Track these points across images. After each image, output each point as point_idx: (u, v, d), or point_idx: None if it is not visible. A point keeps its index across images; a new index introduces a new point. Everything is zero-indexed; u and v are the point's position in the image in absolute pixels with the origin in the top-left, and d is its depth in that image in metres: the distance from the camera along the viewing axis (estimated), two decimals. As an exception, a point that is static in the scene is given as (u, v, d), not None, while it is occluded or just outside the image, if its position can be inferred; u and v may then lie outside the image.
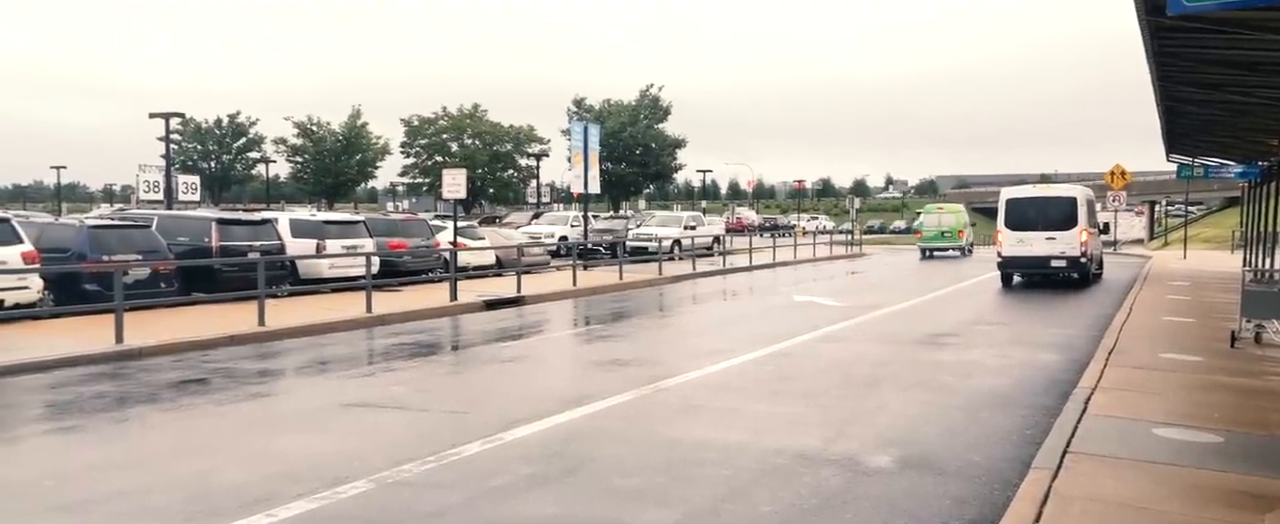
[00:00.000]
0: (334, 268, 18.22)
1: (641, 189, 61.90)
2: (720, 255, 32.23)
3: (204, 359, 10.91)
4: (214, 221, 17.28)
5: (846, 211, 64.86)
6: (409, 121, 56.82)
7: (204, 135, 60.88)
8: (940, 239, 36.71)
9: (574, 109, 55.32)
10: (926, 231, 37.61)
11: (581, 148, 26.42)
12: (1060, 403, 8.13)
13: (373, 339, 13.14)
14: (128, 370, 10.13)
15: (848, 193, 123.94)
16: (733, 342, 12.47)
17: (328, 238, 18.96)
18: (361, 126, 58.88)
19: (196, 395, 8.87)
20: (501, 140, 57.88)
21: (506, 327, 14.59)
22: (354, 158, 58.70)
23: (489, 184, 57.50)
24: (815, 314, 16.03)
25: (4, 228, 13.55)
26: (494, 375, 10.35)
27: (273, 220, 19.00)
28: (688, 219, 36.07)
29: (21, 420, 8.00)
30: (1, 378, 9.50)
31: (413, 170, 57.86)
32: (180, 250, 16.31)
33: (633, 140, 53.97)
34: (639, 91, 55.46)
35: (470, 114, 57.33)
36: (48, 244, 14.48)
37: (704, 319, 16.54)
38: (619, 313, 16.79)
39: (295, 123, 57.61)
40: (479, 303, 16.98)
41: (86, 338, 11.34)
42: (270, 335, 12.62)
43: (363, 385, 9.52)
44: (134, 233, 15.61)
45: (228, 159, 62.12)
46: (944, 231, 36.71)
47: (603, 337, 13.57)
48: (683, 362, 10.71)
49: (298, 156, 58.47)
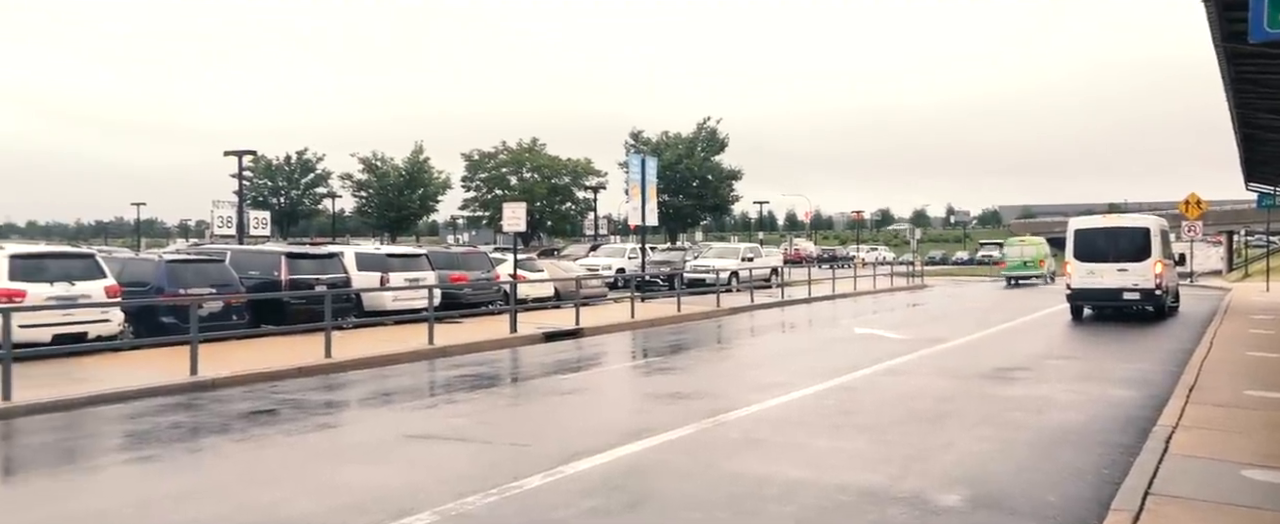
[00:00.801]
0: (397, 300, 18.57)
1: (699, 221, 61.95)
2: (778, 287, 31.97)
3: (273, 390, 11.18)
4: (283, 256, 17.79)
5: (907, 242, 63.91)
6: (469, 156, 57.93)
7: (274, 172, 62.92)
8: (1023, 268, 39.69)
9: (631, 142, 55.79)
10: (1011, 261, 40.45)
11: (639, 180, 26.60)
12: (1139, 441, 7.82)
13: (435, 371, 13.32)
14: (201, 401, 10.43)
15: (907, 223, 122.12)
16: (793, 375, 12.31)
17: (391, 271, 19.36)
18: (424, 161, 60.24)
19: (266, 426, 9.08)
20: (559, 173, 58.57)
21: (565, 359, 14.66)
22: (416, 192, 59.99)
23: (547, 217, 58.13)
24: (877, 347, 15.76)
25: (89, 263, 14.17)
26: (554, 408, 10.39)
27: (339, 254, 19.47)
28: (745, 251, 35.94)
29: (103, 450, 8.29)
30: (85, 408, 9.86)
31: (473, 203, 58.85)
32: (251, 284, 16.81)
33: (689, 172, 54.14)
34: (696, 124, 55.74)
35: (529, 148, 58.22)
36: (128, 278, 15.08)
37: (763, 352, 16.38)
38: (677, 345, 16.75)
39: (360, 158, 59.26)
40: (538, 335, 17.11)
41: (163, 369, 11.72)
42: (336, 367, 12.89)
43: (426, 417, 9.64)
44: (208, 267, 16.16)
45: (296, 194, 64.03)
46: (1026, 261, 39.76)
47: (661, 369, 13.53)
48: (743, 395, 10.61)
49: (362, 191, 60.01)
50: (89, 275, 13.83)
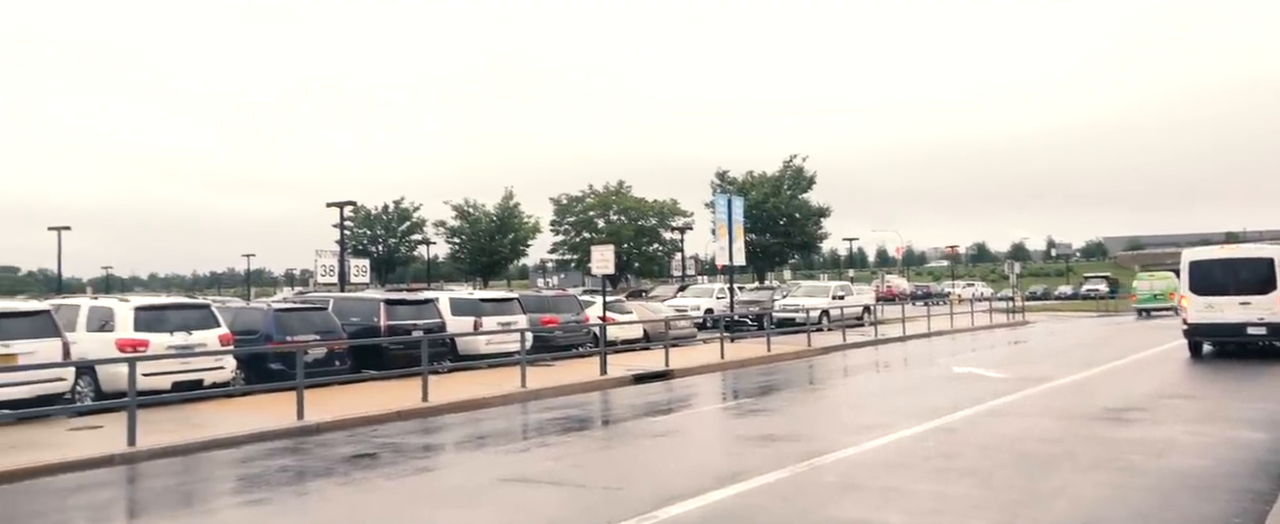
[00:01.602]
0: (490, 344, 18.93)
1: (786, 259, 61.24)
2: (871, 325, 31.25)
3: (373, 434, 11.50)
4: (382, 302, 18.40)
5: (1005, 277, 61.72)
6: (558, 200, 59.00)
7: (372, 221, 65.34)
8: (1153, 301, 41.60)
9: (717, 182, 55.85)
10: (1141, 295, 42.46)
11: (725, 220, 26.57)
12: (1273, 488, 7.29)
13: (527, 414, 13.48)
14: (307, 445, 10.81)
15: (1005, 257, 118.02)
16: (890, 416, 11.97)
17: (484, 315, 19.77)
18: (514, 207, 61.61)
19: (368, 469, 9.34)
20: (646, 215, 59.00)
21: (656, 401, 14.63)
22: (507, 237, 61.31)
23: (634, 258, 58.50)
24: (978, 387, 15.19)
25: (205, 313, 14.98)
26: (646, 450, 10.36)
27: (434, 300, 20.02)
28: (835, 288, 35.32)
29: (217, 493, 8.66)
30: (201, 453, 10.35)
31: (562, 247, 59.75)
32: (352, 330, 17.43)
33: (776, 211, 53.77)
34: (782, 162, 55.48)
35: (615, 191, 58.92)
36: (240, 327, 15.84)
37: (857, 392, 16.00)
38: (768, 386, 16.51)
39: (453, 206, 61.04)
40: (628, 377, 17.14)
41: (272, 414, 12.21)
42: (432, 411, 13.18)
43: (519, 460, 9.74)
44: (313, 315, 16.85)
45: (393, 242, 66.25)
46: (1156, 294, 41.71)
47: (753, 411, 13.35)
48: (838, 437, 10.37)
49: (455, 237, 61.69)
50: (205, 325, 14.60)
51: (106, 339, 13.70)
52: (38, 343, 12.36)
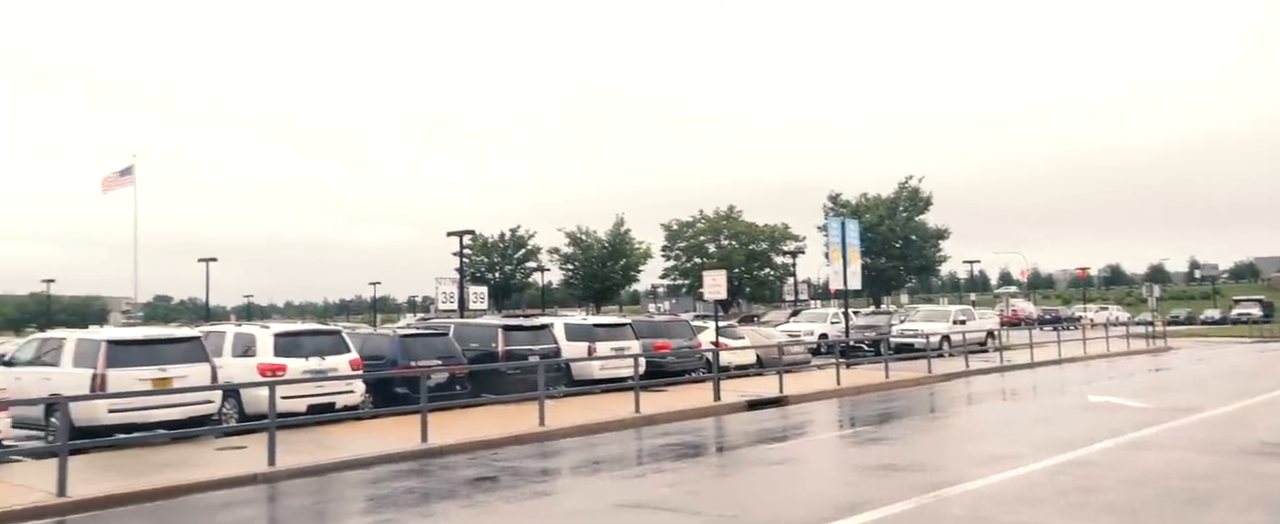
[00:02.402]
0: (604, 369, 19.13)
1: (903, 283, 59.53)
2: (995, 351, 29.93)
3: (494, 457, 11.78)
4: (500, 328, 18.89)
5: (1143, 300, 57.96)
6: (668, 226, 59.36)
7: (490, 249, 67.34)
8: None
9: (829, 205, 54.97)
10: None
11: (839, 243, 26.09)
12: None
13: (641, 439, 13.52)
14: (431, 467, 11.17)
15: (1142, 279, 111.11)
16: (1020, 446, 11.40)
17: (598, 341, 19.99)
18: (625, 233, 62.34)
19: (488, 493, 9.56)
20: (757, 239, 58.60)
21: (770, 427, 14.42)
22: (619, 263, 62.02)
23: (746, 283, 58.11)
24: (1116, 417, 14.30)
25: (336, 339, 15.75)
26: (762, 478, 10.21)
27: (550, 325, 20.40)
28: (956, 313, 34.04)
29: (349, 513, 9.05)
30: (333, 473, 10.85)
31: (673, 272, 59.98)
32: (472, 355, 17.94)
33: (892, 233, 52.42)
34: (897, 184, 54.14)
35: (726, 215, 58.81)
36: (368, 352, 16.56)
37: (983, 421, 15.32)
38: (887, 414, 16.02)
39: (566, 233, 62.30)
40: (742, 403, 16.98)
41: (398, 436, 12.69)
42: (549, 435, 13.40)
43: (634, 486, 9.77)
44: (435, 340, 17.46)
45: (509, 269, 68.08)
46: None
47: (872, 439, 12.98)
48: (964, 468, 9.94)
49: (569, 264, 62.87)
50: (336, 350, 15.35)
51: (249, 364, 14.59)
52: (190, 367, 13.28)
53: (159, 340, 13.91)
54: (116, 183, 44.26)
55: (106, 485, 9.61)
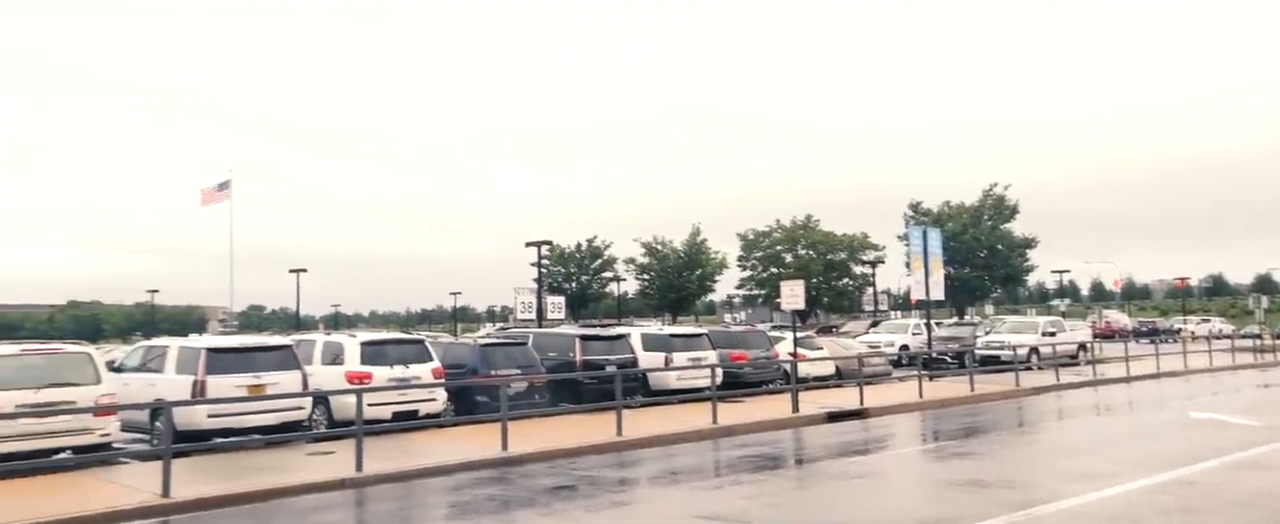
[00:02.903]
0: (681, 379, 19.11)
1: (988, 293, 57.78)
2: (1087, 364, 28.76)
3: (572, 466, 11.87)
4: (577, 338, 19.06)
5: (1249, 312, 54.84)
6: (744, 236, 59.00)
7: (567, 259, 68.08)
8: None
9: (910, 214, 53.80)
10: None
11: (920, 253, 25.52)
12: None
13: (719, 450, 13.44)
14: (511, 475, 11.32)
15: (1249, 290, 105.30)
16: (1116, 464, 10.92)
17: (674, 351, 19.98)
18: (701, 243, 62.24)
19: (567, 501, 9.64)
20: (835, 249, 57.74)
21: (851, 440, 14.16)
22: (694, 273, 61.94)
23: (824, 293, 57.28)
24: (1222, 434, 13.57)
25: (420, 348, 16.14)
26: (843, 492, 10.03)
27: (626, 335, 20.49)
28: (1046, 324, 32.86)
29: (432, 519, 9.26)
30: (417, 480, 11.10)
31: (749, 282, 59.57)
32: (550, 364, 18.14)
33: (976, 242, 50.98)
34: (981, 191, 52.68)
35: (803, 225, 58.14)
36: (449, 361, 16.91)
37: (1075, 436, 14.73)
38: (973, 428, 15.55)
39: (642, 243, 62.57)
40: (821, 415, 16.72)
41: (478, 444, 12.90)
42: (626, 444, 13.43)
43: (712, 498, 9.71)
44: (514, 350, 17.72)
45: (586, 279, 68.70)
46: None
47: (958, 453, 12.61)
48: (1056, 485, 9.57)
49: (645, 274, 63.08)
50: (420, 359, 15.73)
51: (337, 372, 15.07)
52: (282, 375, 13.79)
53: (254, 348, 14.49)
54: (214, 197, 46.45)
55: (207, 488, 10.05)
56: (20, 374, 11.86)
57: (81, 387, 12.10)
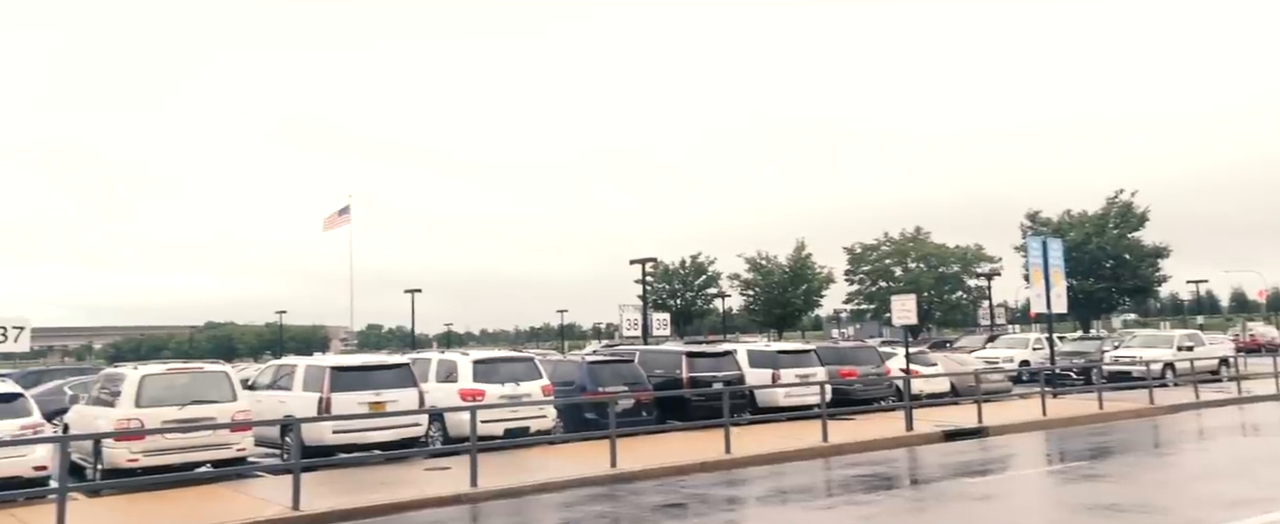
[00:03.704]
0: (789, 396, 18.81)
1: (1115, 306, 54.72)
2: (1231, 381, 26.78)
3: (681, 484, 11.84)
4: (684, 355, 19.04)
5: None
6: (851, 249, 57.86)
7: (671, 276, 68.28)
8: None
9: (1027, 224, 51.61)
10: None
11: (1040, 264, 24.40)
12: None
13: (830, 469, 13.15)
14: (620, 493, 11.38)
15: None
16: (1271, 489, 10.12)
17: (782, 367, 19.69)
18: (806, 257, 61.38)
19: (677, 519, 9.62)
20: (947, 261, 55.95)
21: (969, 460, 13.61)
22: (800, 288, 61.08)
23: (936, 307, 55.55)
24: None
25: (529, 366, 16.47)
26: (963, 515, 9.64)
27: (733, 352, 20.33)
28: (1181, 338, 30.78)
29: (544, 532, 9.38)
30: (530, 495, 11.30)
31: (857, 297, 58.33)
32: (656, 381, 18.18)
33: (1100, 252, 48.42)
34: (1104, 199, 50.08)
35: (912, 237, 56.62)
36: (557, 378, 17.18)
37: (1219, 459, 13.72)
38: (1102, 448, 14.70)
39: (746, 258, 62.18)
40: (937, 433, 16.15)
41: (588, 461, 13.03)
42: (735, 463, 13.30)
43: (826, 518, 9.50)
44: (621, 367, 17.86)
45: (690, 296, 68.72)
46: None
47: (1087, 475, 11.93)
48: (1199, 511, 8.94)
49: (749, 290, 62.62)
50: (529, 376, 16.04)
51: (451, 389, 15.53)
52: (401, 392, 14.32)
53: (374, 367, 15.10)
54: (336, 222, 48.90)
55: (333, 501, 10.50)
56: (167, 392, 12.74)
57: (220, 403, 12.89)
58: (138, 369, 13.32)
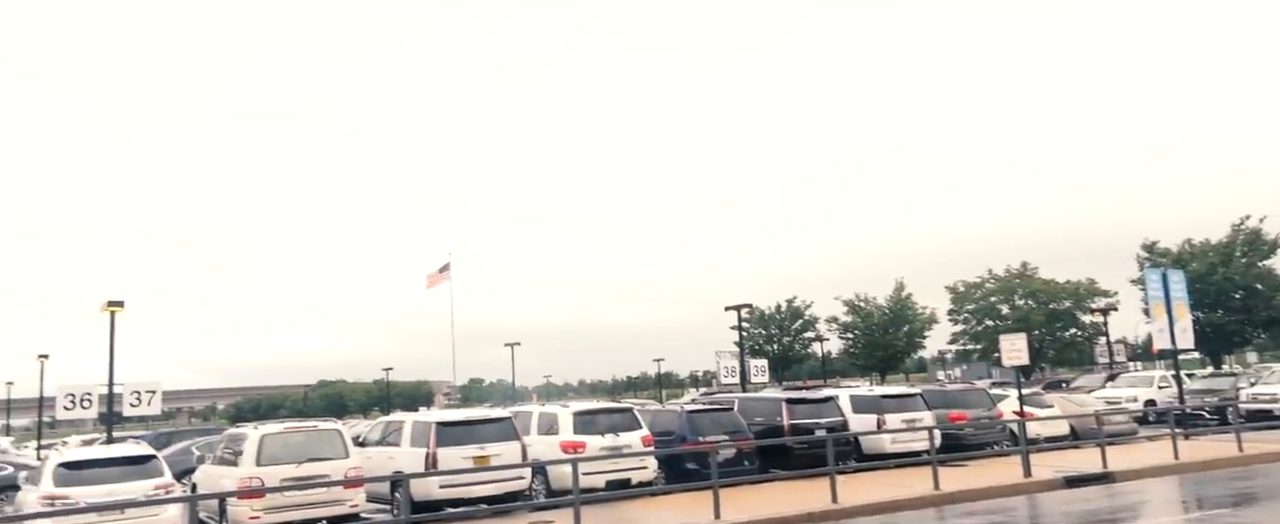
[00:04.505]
0: (895, 442, 18.23)
1: (1249, 339, 51.12)
2: (1389, 416, 24.52)
3: (787, 535, 11.56)
4: (784, 402, 18.70)
5: None
6: (953, 288, 56.11)
7: (767, 321, 67.51)
8: None
9: (1144, 255, 48.99)
10: None
11: (1161, 298, 23.11)
12: None
13: (944, 519, 12.62)
14: (725, 544, 11.18)
15: None
16: None
17: (887, 412, 19.11)
18: (906, 298, 59.82)
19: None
20: (1057, 298, 53.55)
21: (1096, 508, 12.83)
22: (901, 329, 59.47)
23: (1048, 346, 53.11)
24: None
25: (628, 416, 16.49)
26: (1091, 568, 9.07)
27: (834, 397, 19.87)
28: (1327, 371, 28.52)
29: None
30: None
31: (962, 337, 56.36)
32: (757, 430, 17.89)
33: (1228, 283, 45.48)
34: (1230, 226, 47.17)
35: (1018, 273, 54.54)
36: (657, 428, 17.11)
37: (1382, 505, 12.54)
38: (1245, 494, 13.64)
39: (844, 301, 61.01)
40: (1057, 479, 15.32)
41: (691, 512, 12.87)
42: (842, 513, 12.91)
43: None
44: (721, 416, 17.67)
45: (787, 341, 67.71)
46: None
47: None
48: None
49: (848, 333, 61.29)
50: (629, 427, 16.04)
51: (553, 442, 15.66)
52: (504, 446, 14.53)
53: (478, 421, 15.39)
54: (437, 279, 50.47)
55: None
56: (285, 450, 13.31)
57: (334, 461, 13.37)
58: (257, 429, 13.97)
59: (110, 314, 18.11)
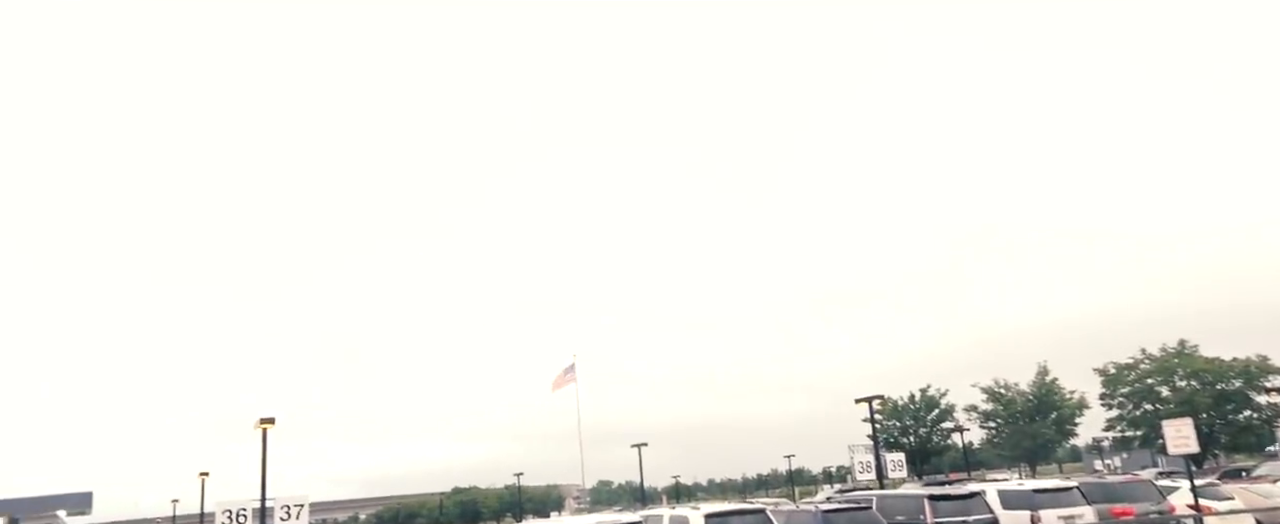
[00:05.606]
0: (1054, 541, 16.89)
1: None
2: None
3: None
4: (926, 498, 17.76)
5: None
6: (1103, 370, 52.53)
7: (901, 412, 64.85)
8: None
9: (1319, 324, 44.76)
10: None
11: (1346, 371, 20.94)
12: None
13: (1118, 628, 11.47)
14: None
15: None
16: None
17: (1041, 508, 17.83)
18: (1051, 382, 56.44)
19: None
20: (1225, 377, 49.21)
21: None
22: (1048, 417, 55.90)
23: (1218, 430, 48.56)
24: None
25: (761, 517, 16.02)
26: None
27: (981, 493, 18.73)
28: None
29: None
30: None
31: (1119, 423, 52.34)
32: (899, 529, 17.02)
33: None
34: None
35: (1176, 352, 50.62)
36: (792, 529, 16.54)
37: None
38: None
39: (983, 388, 58.06)
40: (1248, 582, 13.76)
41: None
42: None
43: None
44: (859, 514, 16.93)
45: (924, 432, 64.67)
46: None
47: None
48: None
49: (990, 422, 58.06)
50: (760, 529, 15.55)
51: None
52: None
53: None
54: (563, 381, 51.21)
55: None
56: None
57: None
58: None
59: (262, 431, 19.19)
